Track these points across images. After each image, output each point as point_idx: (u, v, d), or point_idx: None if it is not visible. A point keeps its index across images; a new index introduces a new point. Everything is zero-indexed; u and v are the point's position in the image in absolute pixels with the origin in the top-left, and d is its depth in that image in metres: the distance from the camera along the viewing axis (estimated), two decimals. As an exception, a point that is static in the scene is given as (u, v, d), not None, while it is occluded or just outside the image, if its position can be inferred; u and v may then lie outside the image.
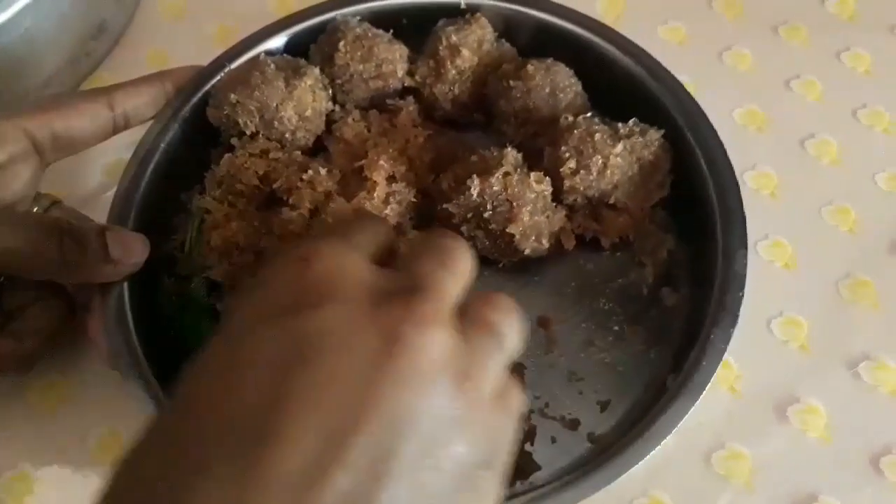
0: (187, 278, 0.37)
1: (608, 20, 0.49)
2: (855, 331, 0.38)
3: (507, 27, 0.43)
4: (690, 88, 0.45)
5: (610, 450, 0.32)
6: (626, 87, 0.41)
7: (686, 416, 0.32)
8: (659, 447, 0.31)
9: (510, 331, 0.23)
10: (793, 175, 0.43)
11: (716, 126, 0.39)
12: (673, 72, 0.45)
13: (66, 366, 0.38)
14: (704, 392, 0.32)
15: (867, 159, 0.43)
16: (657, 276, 0.38)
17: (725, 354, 0.33)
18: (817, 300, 0.39)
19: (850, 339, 0.38)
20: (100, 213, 0.38)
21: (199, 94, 0.40)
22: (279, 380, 0.19)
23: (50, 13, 0.43)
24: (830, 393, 0.37)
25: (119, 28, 0.49)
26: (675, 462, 0.35)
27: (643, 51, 0.41)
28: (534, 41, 0.43)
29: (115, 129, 0.37)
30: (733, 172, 0.37)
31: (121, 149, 0.40)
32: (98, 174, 0.44)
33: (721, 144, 0.38)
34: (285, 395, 0.19)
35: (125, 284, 0.35)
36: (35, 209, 0.36)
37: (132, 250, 0.34)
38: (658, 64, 0.40)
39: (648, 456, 0.31)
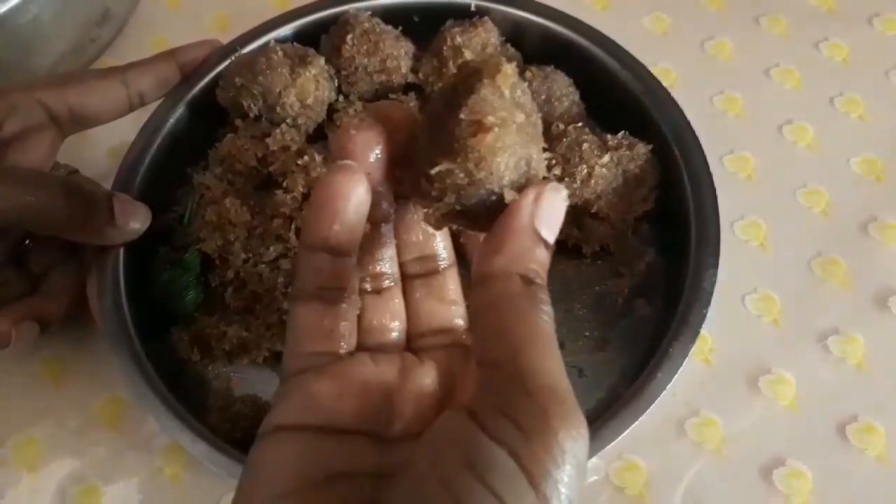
0: (183, 249, 0.39)
1: (595, 10, 0.51)
2: (825, 306, 0.40)
3: (515, 33, 0.44)
4: (672, 76, 0.48)
5: None
6: (623, 100, 0.41)
7: (629, 429, 0.32)
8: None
9: None
10: (770, 159, 0.45)
11: (695, 111, 0.40)
12: (656, 59, 0.47)
13: (68, 336, 0.40)
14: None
15: (842, 144, 0.45)
16: (634, 287, 0.39)
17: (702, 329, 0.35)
18: (790, 277, 0.41)
19: (821, 314, 0.40)
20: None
21: (211, 76, 0.42)
22: None
23: (56, 0, 0.45)
24: (800, 364, 0.38)
25: (123, 15, 0.50)
26: (650, 428, 0.37)
27: (644, 68, 0.41)
28: (540, 48, 0.44)
29: (132, 106, 0.39)
30: (715, 194, 0.38)
31: (126, 132, 0.41)
32: (104, 156, 0.46)
33: (706, 166, 0.38)
34: None
35: (121, 249, 0.37)
36: None
37: (135, 217, 0.36)
38: (657, 82, 0.41)
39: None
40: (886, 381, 0.38)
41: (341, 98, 0.43)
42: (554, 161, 0.38)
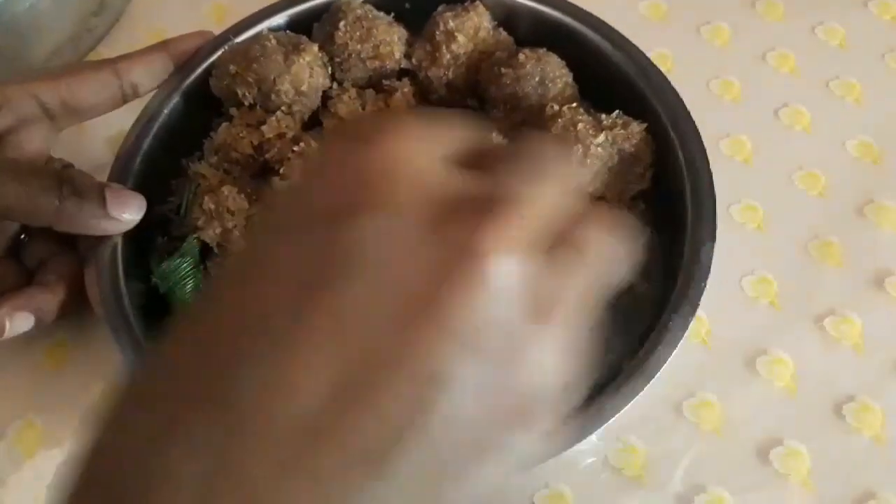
0: (180, 239, 0.39)
1: (591, -4, 0.51)
2: (821, 288, 0.40)
3: (508, 17, 0.44)
4: (669, 61, 0.48)
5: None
6: (619, 86, 0.41)
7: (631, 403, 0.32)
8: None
9: (603, 252, 0.19)
10: (766, 142, 0.45)
11: (692, 96, 0.40)
12: (652, 45, 0.46)
13: (69, 325, 0.40)
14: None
15: (838, 127, 0.45)
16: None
17: (698, 310, 0.35)
18: (786, 259, 0.41)
19: (817, 295, 0.40)
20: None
21: (205, 65, 0.42)
22: (300, 302, 0.16)
23: (53, -10, 0.45)
24: (797, 345, 0.39)
25: (119, 5, 0.50)
26: (646, 410, 0.37)
27: (640, 52, 0.41)
28: (532, 32, 0.43)
29: (125, 98, 0.39)
30: (709, 169, 0.38)
31: (123, 121, 0.41)
32: (101, 147, 0.46)
33: (701, 143, 0.38)
34: (305, 320, 0.16)
35: (119, 239, 0.37)
36: None
37: (129, 207, 0.36)
38: (649, 62, 0.41)
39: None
40: (882, 362, 0.38)
41: (335, 85, 0.43)
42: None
